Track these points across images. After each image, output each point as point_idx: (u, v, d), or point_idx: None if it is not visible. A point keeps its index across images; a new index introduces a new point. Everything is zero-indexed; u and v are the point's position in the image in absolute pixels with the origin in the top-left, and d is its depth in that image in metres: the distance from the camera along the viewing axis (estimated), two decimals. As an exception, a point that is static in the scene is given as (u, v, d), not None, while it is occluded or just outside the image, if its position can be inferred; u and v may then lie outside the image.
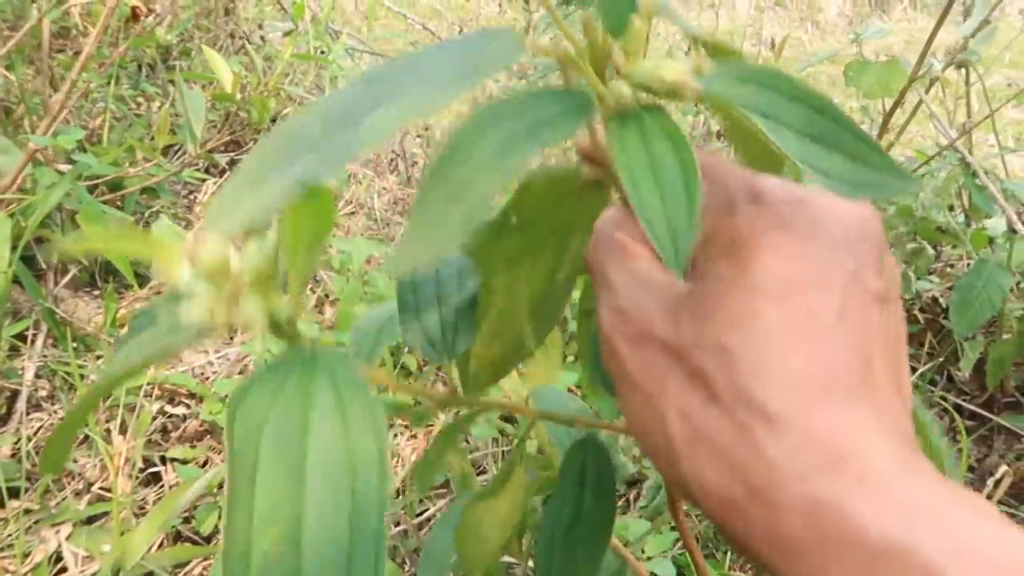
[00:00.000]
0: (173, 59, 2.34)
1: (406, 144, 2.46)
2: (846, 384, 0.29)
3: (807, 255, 0.30)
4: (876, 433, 0.28)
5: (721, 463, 0.29)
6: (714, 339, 0.30)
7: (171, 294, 0.29)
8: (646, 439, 0.33)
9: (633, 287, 0.33)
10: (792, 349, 0.29)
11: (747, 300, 0.30)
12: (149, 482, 1.26)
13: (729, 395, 0.29)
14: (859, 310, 0.30)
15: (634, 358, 0.33)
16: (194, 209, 1.87)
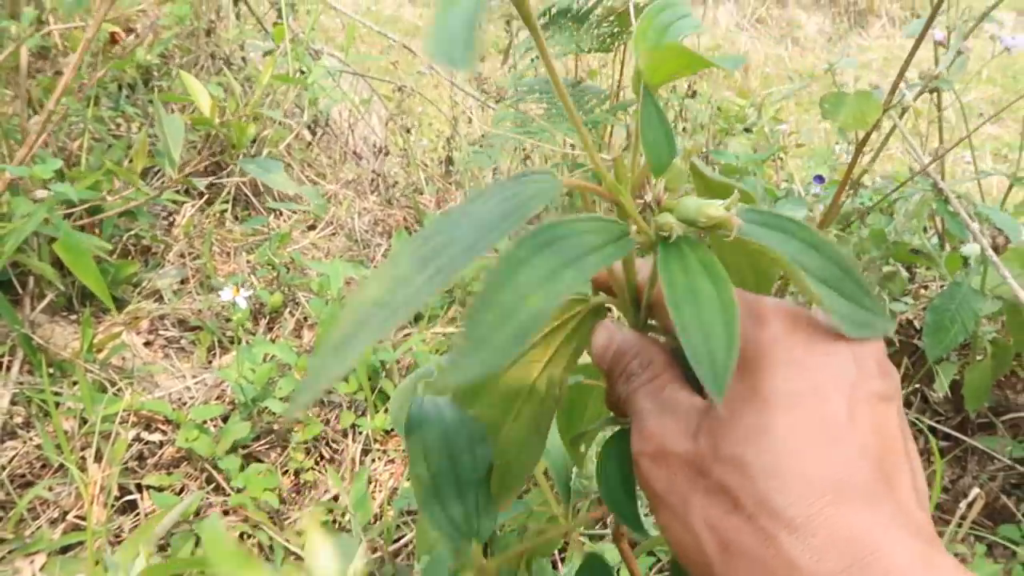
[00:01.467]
0: (154, 79, 2.33)
1: (386, 165, 2.46)
2: (862, 484, 0.30)
3: (810, 365, 0.33)
4: (896, 532, 0.29)
5: (752, 568, 0.31)
6: (730, 452, 0.32)
7: None
8: (681, 550, 0.34)
9: (657, 410, 0.36)
10: (807, 455, 0.31)
11: (759, 411, 0.32)
12: (125, 510, 1.25)
13: (751, 504, 0.31)
14: (867, 411, 0.32)
15: (659, 475, 0.35)
16: (173, 232, 1.87)
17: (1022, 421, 1.44)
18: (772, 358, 0.33)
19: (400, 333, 1.57)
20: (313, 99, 2.34)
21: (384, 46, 3.56)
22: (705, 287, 0.32)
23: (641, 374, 0.38)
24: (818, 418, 0.32)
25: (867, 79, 4.50)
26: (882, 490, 0.31)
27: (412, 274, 0.29)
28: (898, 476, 0.32)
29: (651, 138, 0.36)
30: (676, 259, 0.34)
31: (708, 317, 0.32)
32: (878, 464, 0.31)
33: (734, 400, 0.33)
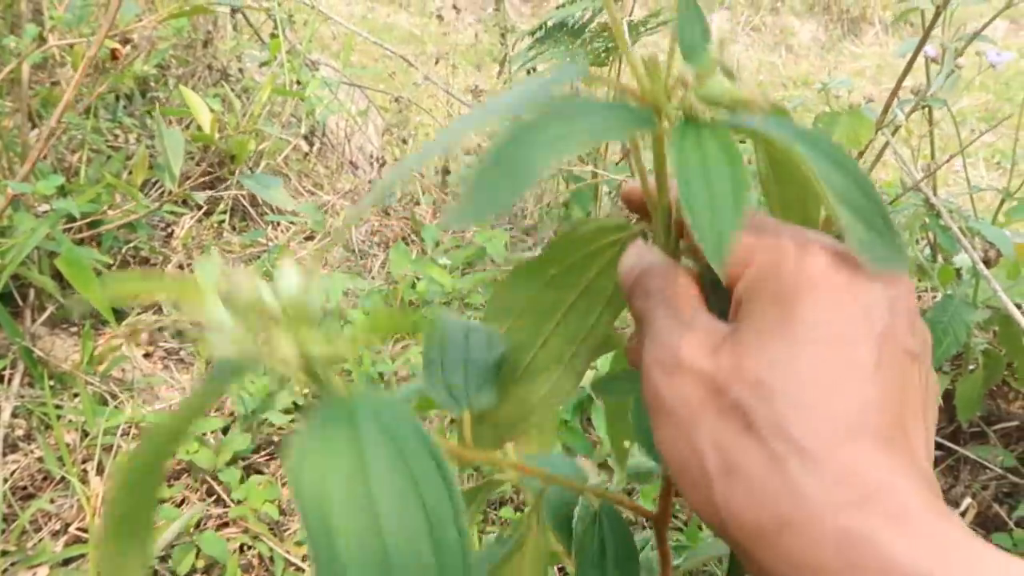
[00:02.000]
0: (151, 91, 2.35)
1: (384, 174, 2.47)
2: (880, 427, 0.30)
3: (847, 308, 0.32)
4: (907, 475, 0.29)
5: (754, 492, 0.30)
6: (755, 375, 0.31)
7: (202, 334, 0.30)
8: (679, 468, 0.33)
9: (678, 326, 0.35)
10: (831, 391, 0.30)
11: (790, 343, 0.31)
12: (126, 522, 1.26)
13: (766, 427, 0.30)
14: (894, 363, 0.32)
15: (672, 388, 0.34)
16: (171, 243, 1.88)
17: (1014, 431, 1.46)
18: (809, 291, 0.32)
19: (398, 345, 1.58)
20: (310, 110, 2.35)
21: (379, 55, 3.57)
22: (719, 166, 0.32)
23: (664, 291, 0.37)
24: (846, 358, 0.31)
25: (861, 87, 4.52)
26: (899, 438, 0.31)
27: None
28: (915, 431, 0.32)
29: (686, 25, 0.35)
30: (693, 136, 0.33)
31: (719, 191, 0.31)
32: (898, 415, 0.31)
33: (764, 326, 0.32)
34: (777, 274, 0.33)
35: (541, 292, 0.42)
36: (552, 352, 0.43)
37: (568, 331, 0.43)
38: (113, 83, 1.96)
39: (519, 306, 0.43)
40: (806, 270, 0.33)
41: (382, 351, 1.52)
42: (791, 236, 0.34)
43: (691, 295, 0.36)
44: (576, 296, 0.42)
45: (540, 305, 0.42)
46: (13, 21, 1.84)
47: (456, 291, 1.58)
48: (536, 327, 0.43)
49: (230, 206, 2.08)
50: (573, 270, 0.42)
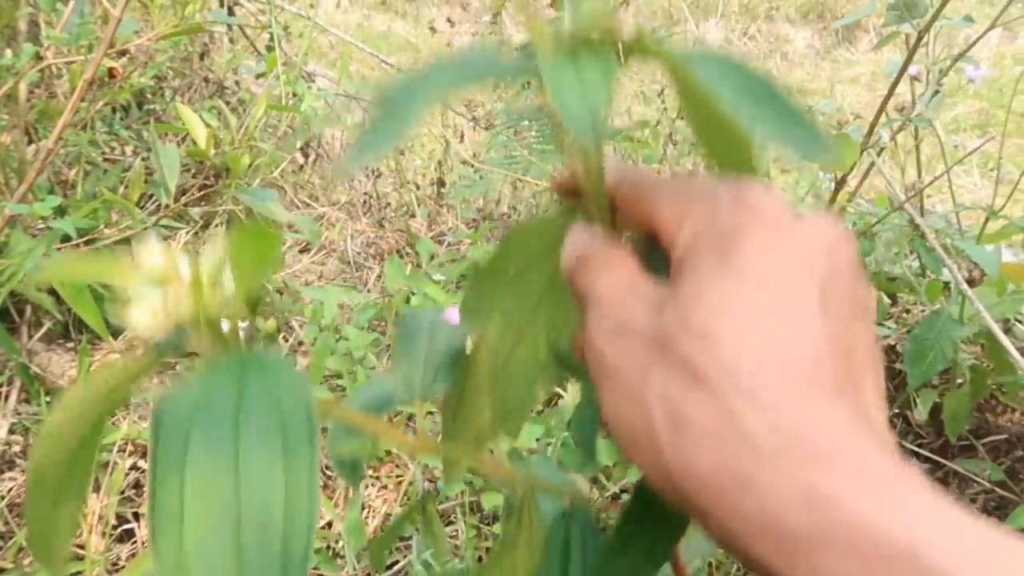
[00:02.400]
0: (148, 103, 2.36)
1: (379, 186, 2.49)
2: (832, 376, 0.29)
3: (787, 252, 0.31)
4: (865, 432, 0.28)
5: (709, 449, 0.29)
6: (700, 324, 0.30)
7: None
8: (627, 433, 0.32)
9: (618, 293, 0.34)
10: (778, 335, 0.29)
11: (732, 287, 0.30)
12: (123, 539, 1.28)
13: (717, 379, 0.29)
14: (837, 309, 0.31)
15: (615, 350, 0.33)
16: (168, 258, 1.89)
17: (1002, 444, 1.47)
18: (747, 237, 0.31)
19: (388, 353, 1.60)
20: (306, 122, 2.37)
21: (376, 64, 3.59)
22: (591, 63, 0.31)
23: (602, 263, 0.35)
24: (791, 302, 0.30)
25: (856, 93, 4.54)
26: (850, 391, 0.30)
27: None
28: (864, 380, 0.31)
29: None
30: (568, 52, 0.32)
31: (590, 77, 0.31)
32: (847, 363, 0.30)
33: (705, 275, 0.31)
34: (712, 224, 0.32)
35: (505, 291, 0.42)
36: (529, 348, 0.43)
37: (542, 325, 0.43)
38: (110, 97, 1.97)
39: (488, 308, 0.42)
40: (741, 217, 0.32)
41: (376, 367, 1.53)
42: (728, 187, 0.34)
43: (630, 263, 0.35)
44: (542, 289, 0.42)
45: (508, 304, 0.42)
46: (10, 36, 1.86)
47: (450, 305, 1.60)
48: (508, 326, 0.42)
49: (226, 220, 2.09)
50: (532, 266, 0.41)
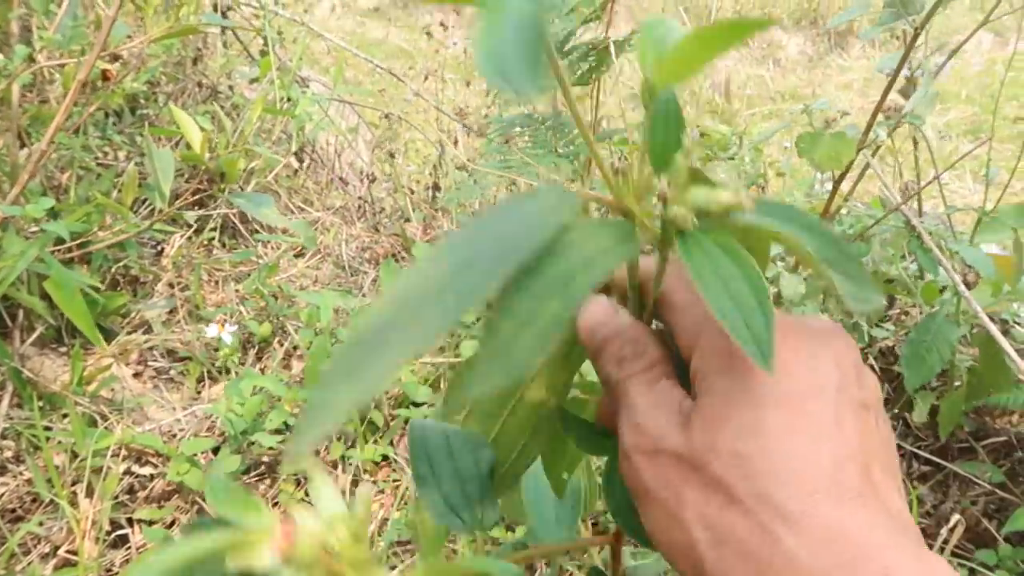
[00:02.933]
0: (141, 107, 2.35)
1: (374, 190, 2.48)
2: (854, 483, 0.32)
3: (798, 369, 0.34)
4: (888, 530, 0.31)
5: (747, 563, 0.31)
6: (728, 447, 0.33)
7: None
8: (669, 547, 0.35)
9: (651, 405, 0.36)
10: (800, 452, 0.32)
11: (753, 410, 0.33)
12: (116, 544, 1.26)
13: (749, 498, 0.32)
14: (851, 416, 0.34)
15: (652, 471, 0.35)
16: (161, 262, 1.88)
17: (1002, 446, 1.47)
18: None
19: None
20: (300, 127, 2.36)
21: (371, 70, 3.58)
22: (728, 267, 0.33)
23: (635, 361, 0.38)
24: (807, 419, 0.33)
25: (848, 99, 4.55)
26: (870, 491, 0.32)
27: (428, 302, 0.27)
28: (883, 479, 0.33)
29: (659, 137, 0.37)
30: (696, 246, 0.34)
31: (737, 292, 0.32)
32: (865, 466, 0.32)
33: (728, 398, 0.34)
34: (726, 346, 0.35)
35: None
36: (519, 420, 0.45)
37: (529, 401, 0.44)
38: (103, 101, 1.96)
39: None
40: None
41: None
42: None
43: (661, 367, 0.38)
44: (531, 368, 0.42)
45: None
46: (2, 40, 1.85)
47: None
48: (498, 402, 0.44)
49: (220, 224, 2.08)
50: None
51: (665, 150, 0.36)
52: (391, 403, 1.48)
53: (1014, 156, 4.32)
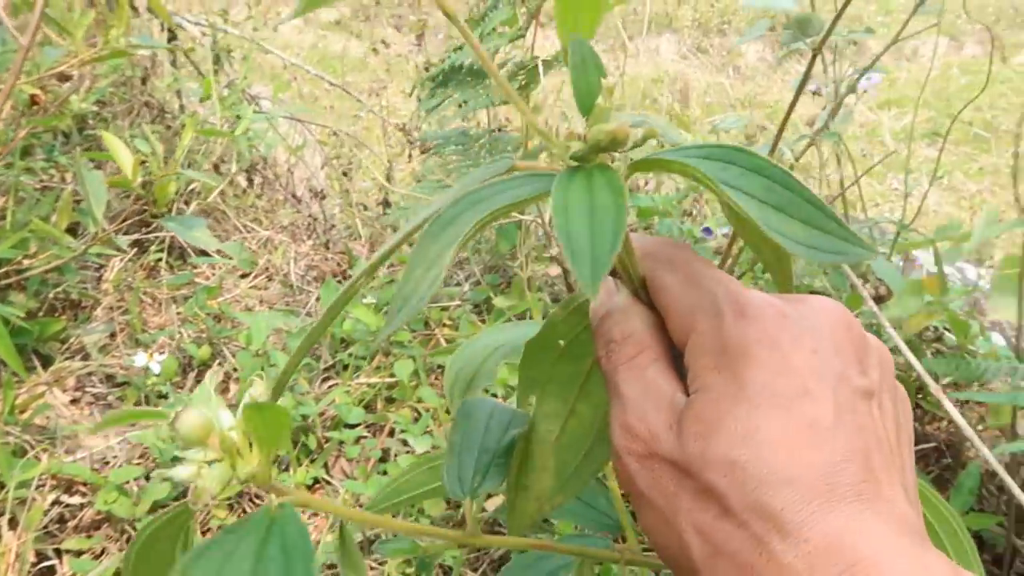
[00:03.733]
0: (89, 127, 2.34)
1: (325, 207, 2.48)
2: (851, 486, 0.31)
3: (794, 366, 0.33)
4: (885, 535, 0.30)
5: (742, 573, 0.31)
6: (720, 455, 0.32)
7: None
8: (665, 552, 0.34)
9: (640, 398, 0.35)
10: (796, 458, 0.31)
11: (746, 414, 0.32)
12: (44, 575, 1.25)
13: (742, 509, 0.31)
14: (850, 410, 0.33)
15: (645, 475, 0.34)
16: (101, 286, 1.87)
17: (931, 452, 1.48)
18: (756, 357, 0.33)
19: (324, 384, 1.59)
20: (248, 146, 2.36)
21: (324, 86, 3.58)
22: (605, 199, 0.32)
23: (624, 345, 0.37)
24: (805, 421, 0.32)
25: (804, 105, 4.59)
26: (870, 491, 0.31)
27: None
28: (886, 474, 0.32)
29: (578, 82, 0.36)
30: (582, 181, 0.33)
31: (600, 221, 0.31)
32: (864, 464, 0.32)
33: (722, 400, 0.33)
34: (718, 340, 0.34)
35: (557, 364, 0.43)
36: (582, 422, 0.44)
37: (592, 399, 0.44)
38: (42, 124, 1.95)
39: (542, 378, 0.44)
40: (745, 334, 0.33)
41: (307, 392, 1.52)
42: (726, 297, 0.35)
43: (650, 350, 0.37)
44: (590, 365, 0.43)
45: (560, 376, 0.44)
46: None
47: (382, 329, 1.59)
48: (561, 397, 0.44)
49: (168, 245, 2.08)
50: (579, 342, 0.43)
51: (587, 94, 0.36)
52: (325, 425, 1.47)
53: (969, 158, 4.35)
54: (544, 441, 0.44)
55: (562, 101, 2.17)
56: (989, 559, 1.35)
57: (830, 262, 0.34)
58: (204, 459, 0.34)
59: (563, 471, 0.45)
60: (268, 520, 0.34)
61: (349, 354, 1.63)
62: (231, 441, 0.35)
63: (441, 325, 1.69)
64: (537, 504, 0.46)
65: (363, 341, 1.62)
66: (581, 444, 0.44)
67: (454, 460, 0.46)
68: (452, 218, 0.33)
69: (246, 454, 0.35)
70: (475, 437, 0.46)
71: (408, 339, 1.60)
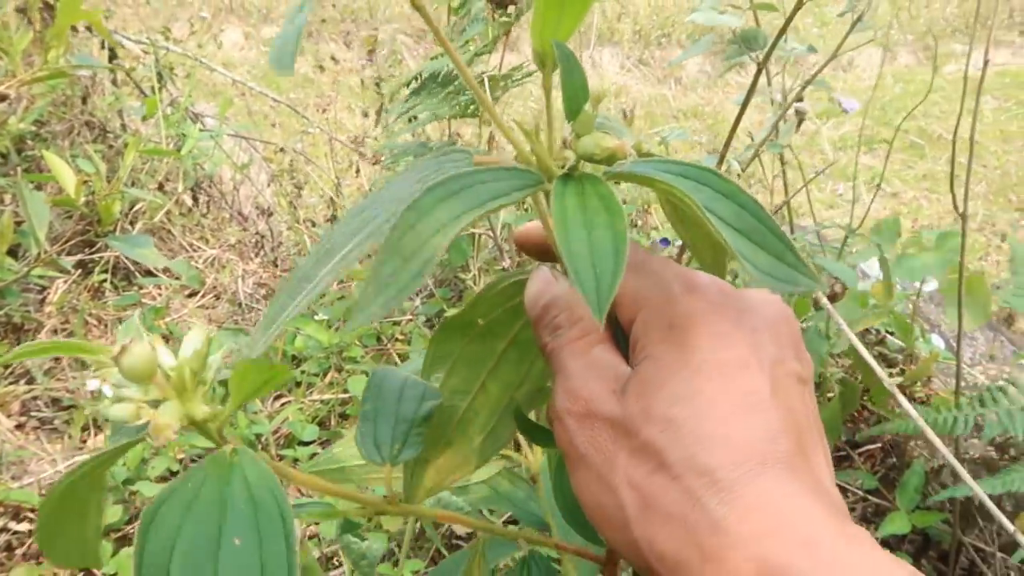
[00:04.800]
0: (28, 149, 2.30)
1: (272, 224, 2.46)
2: (784, 454, 0.32)
3: (738, 339, 0.34)
4: (814, 501, 0.31)
5: (673, 527, 0.31)
6: (661, 413, 0.33)
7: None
8: (598, 511, 0.35)
9: (584, 370, 0.36)
10: (734, 421, 0.32)
11: (689, 378, 0.33)
12: (-9, 606, 1.22)
13: (678, 464, 0.32)
14: (786, 388, 0.34)
15: (584, 435, 0.35)
16: (44, 308, 1.84)
17: (877, 452, 1.52)
18: (702, 328, 0.34)
19: (277, 402, 1.57)
20: (193, 164, 2.33)
21: (270, 101, 3.56)
22: (600, 217, 0.33)
23: (569, 329, 0.38)
24: (743, 389, 0.33)
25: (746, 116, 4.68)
26: (801, 463, 0.32)
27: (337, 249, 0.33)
28: (814, 452, 0.34)
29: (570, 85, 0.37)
30: (574, 191, 0.34)
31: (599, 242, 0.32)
32: (797, 438, 0.33)
33: (666, 365, 0.34)
34: (667, 314, 0.35)
35: (471, 344, 0.44)
36: (489, 399, 0.45)
37: (502, 380, 0.45)
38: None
39: (453, 356, 0.45)
40: (693, 308, 0.35)
41: (260, 411, 1.50)
42: (675, 276, 0.37)
43: (596, 334, 0.38)
44: (505, 346, 0.44)
45: (472, 355, 0.44)
46: None
47: (334, 345, 1.58)
48: (471, 376, 0.45)
49: (112, 266, 2.04)
50: (498, 323, 0.44)
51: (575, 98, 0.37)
52: (278, 443, 1.46)
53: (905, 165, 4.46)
54: (449, 416, 0.45)
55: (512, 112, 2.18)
56: (935, 555, 1.39)
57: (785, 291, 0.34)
58: (144, 397, 0.33)
59: (465, 447, 0.46)
60: (226, 465, 0.33)
61: (301, 371, 1.61)
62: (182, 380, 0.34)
63: (394, 340, 1.69)
64: (437, 477, 0.47)
65: (315, 358, 1.61)
66: (487, 422, 0.45)
67: (369, 426, 0.46)
68: (428, 208, 0.32)
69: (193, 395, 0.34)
70: (389, 406, 0.46)
71: (360, 355, 1.59)
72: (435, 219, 0.32)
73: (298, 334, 1.68)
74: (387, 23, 4.96)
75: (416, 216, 0.32)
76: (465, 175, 0.34)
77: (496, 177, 0.35)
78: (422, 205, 0.32)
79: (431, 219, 0.32)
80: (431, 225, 0.32)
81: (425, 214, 0.32)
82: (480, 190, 0.34)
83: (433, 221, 0.32)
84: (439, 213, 0.32)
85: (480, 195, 0.34)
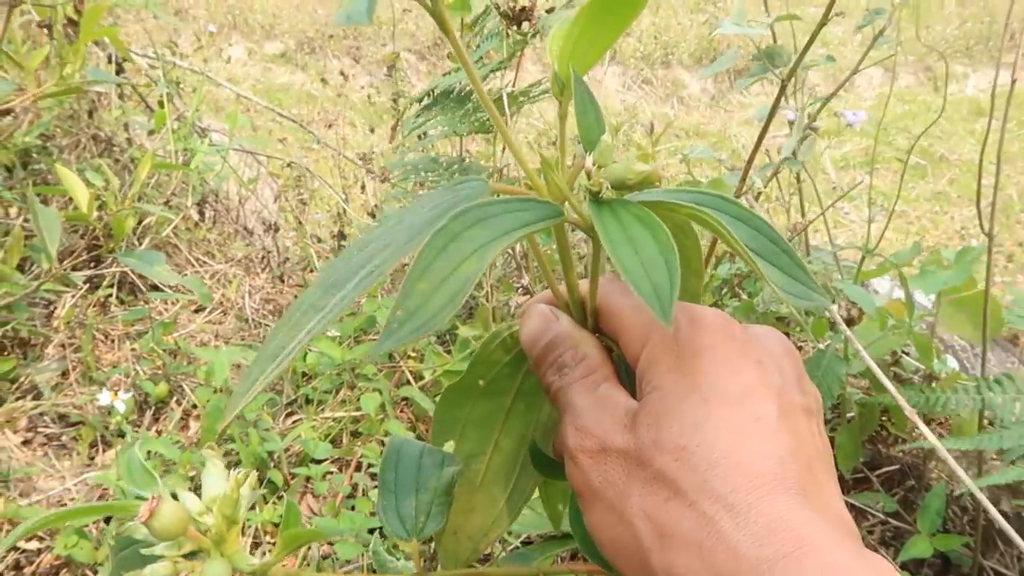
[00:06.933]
0: (34, 162, 2.28)
1: (279, 241, 2.45)
2: (796, 480, 0.32)
3: (743, 369, 0.35)
4: (827, 526, 0.31)
5: (690, 554, 0.31)
6: (673, 442, 0.33)
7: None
8: (613, 545, 0.35)
9: (593, 406, 0.37)
10: (746, 448, 0.32)
11: (698, 405, 0.33)
12: (-1, 626, 1.20)
13: (692, 490, 0.32)
14: (792, 417, 0.34)
15: (597, 470, 0.35)
16: (52, 323, 1.82)
17: (896, 474, 1.51)
18: (709, 358, 0.35)
19: (289, 419, 1.56)
20: (201, 179, 2.32)
21: (276, 116, 3.56)
22: (640, 233, 0.33)
23: (575, 368, 0.38)
24: (752, 417, 0.33)
25: (749, 135, 4.69)
26: (812, 486, 0.32)
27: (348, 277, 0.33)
28: (825, 479, 0.34)
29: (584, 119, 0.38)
30: (609, 214, 0.35)
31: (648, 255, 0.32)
32: (807, 466, 0.33)
33: (674, 394, 0.34)
34: (673, 346, 0.35)
35: (478, 405, 0.44)
36: (506, 457, 0.45)
37: (514, 433, 0.45)
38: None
39: (461, 421, 0.45)
40: (698, 339, 0.35)
41: (271, 428, 1.49)
42: (679, 310, 0.37)
43: (602, 371, 0.38)
44: (511, 400, 0.44)
45: (481, 417, 0.44)
46: None
47: (346, 362, 1.57)
48: (483, 437, 0.45)
49: (118, 280, 2.03)
50: (500, 378, 0.44)
51: (591, 129, 0.37)
52: (290, 461, 1.45)
53: (907, 185, 4.47)
54: (469, 482, 0.45)
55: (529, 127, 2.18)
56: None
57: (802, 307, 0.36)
58: (178, 553, 0.32)
59: (492, 507, 0.46)
60: None
61: (313, 388, 1.60)
62: (219, 529, 0.32)
63: (406, 357, 1.67)
64: (471, 544, 0.47)
65: (327, 375, 1.59)
66: (508, 477, 0.46)
67: (391, 498, 0.46)
68: (457, 233, 0.32)
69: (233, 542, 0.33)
70: (409, 475, 0.46)
71: (373, 372, 1.58)
72: (467, 243, 0.32)
73: (310, 351, 1.66)
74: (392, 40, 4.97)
75: (446, 240, 0.32)
76: (489, 204, 0.34)
77: (520, 207, 0.35)
78: (451, 229, 0.32)
79: (462, 243, 0.32)
80: (463, 249, 0.32)
81: (455, 238, 0.32)
82: (506, 219, 0.34)
83: (465, 245, 0.32)
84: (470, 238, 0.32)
85: (506, 224, 0.34)
